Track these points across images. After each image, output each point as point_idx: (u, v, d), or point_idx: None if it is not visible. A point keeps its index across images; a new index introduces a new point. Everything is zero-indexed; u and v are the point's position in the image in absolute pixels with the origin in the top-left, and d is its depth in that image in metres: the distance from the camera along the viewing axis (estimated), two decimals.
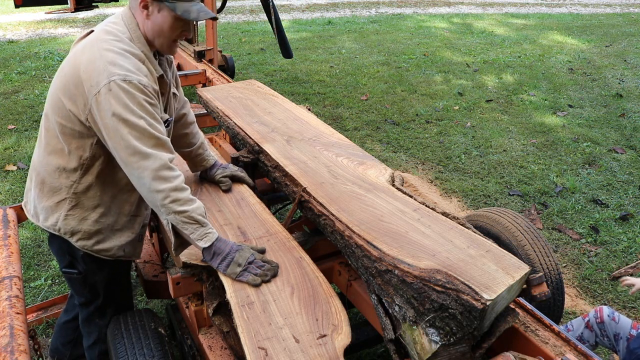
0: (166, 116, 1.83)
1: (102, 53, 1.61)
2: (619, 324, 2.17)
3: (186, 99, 2.18)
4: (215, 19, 1.79)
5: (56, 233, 1.83)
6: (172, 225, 1.67)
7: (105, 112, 1.57)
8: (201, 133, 2.24)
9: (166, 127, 1.83)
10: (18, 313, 1.72)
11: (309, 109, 3.07)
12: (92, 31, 1.74)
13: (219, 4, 5.66)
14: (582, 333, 2.23)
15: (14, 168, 4.28)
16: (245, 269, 1.64)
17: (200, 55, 5.08)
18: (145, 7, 1.68)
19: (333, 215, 1.83)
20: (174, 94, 1.98)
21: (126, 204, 1.86)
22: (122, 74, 1.58)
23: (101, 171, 1.77)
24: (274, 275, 1.65)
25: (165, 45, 1.75)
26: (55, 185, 1.79)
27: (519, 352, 1.60)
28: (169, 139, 1.70)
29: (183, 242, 1.74)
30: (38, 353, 2.32)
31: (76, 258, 1.90)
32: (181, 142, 2.12)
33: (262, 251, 1.77)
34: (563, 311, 2.60)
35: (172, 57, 1.97)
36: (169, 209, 1.62)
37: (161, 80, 1.79)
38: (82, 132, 1.69)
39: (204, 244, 1.66)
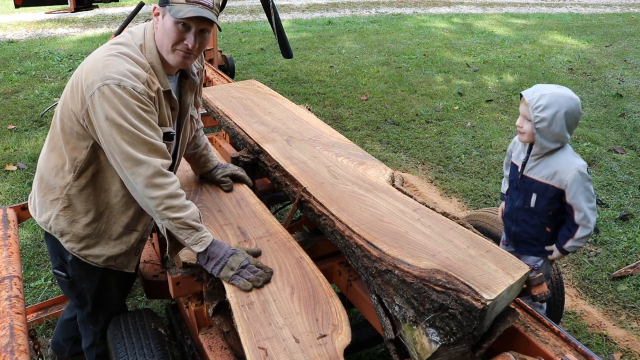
0: (168, 129, 1.79)
1: (104, 55, 1.62)
2: None
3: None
4: (204, 19, 1.61)
5: (48, 231, 1.84)
6: (167, 230, 1.68)
7: (100, 115, 1.58)
8: (205, 135, 2.25)
9: (168, 140, 1.79)
10: (18, 313, 1.72)
11: (309, 109, 3.07)
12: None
13: None
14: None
15: (14, 168, 4.27)
16: (237, 272, 1.64)
17: None
18: (157, 14, 1.67)
19: (333, 215, 1.83)
20: (191, 116, 1.96)
21: (123, 215, 1.82)
22: (117, 78, 1.57)
23: (94, 177, 1.76)
24: (267, 281, 1.65)
25: (170, 55, 1.67)
26: (51, 183, 1.79)
27: (519, 352, 1.60)
28: (164, 144, 1.68)
29: (177, 245, 1.75)
30: (38, 353, 2.32)
31: (65, 261, 1.89)
32: (188, 145, 2.12)
33: (258, 253, 1.77)
34: (563, 311, 2.60)
35: (197, 79, 1.90)
36: (163, 215, 1.63)
37: (169, 95, 1.76)
38: (79, 132, 1.69)
39: (199, 248, 1.67)
